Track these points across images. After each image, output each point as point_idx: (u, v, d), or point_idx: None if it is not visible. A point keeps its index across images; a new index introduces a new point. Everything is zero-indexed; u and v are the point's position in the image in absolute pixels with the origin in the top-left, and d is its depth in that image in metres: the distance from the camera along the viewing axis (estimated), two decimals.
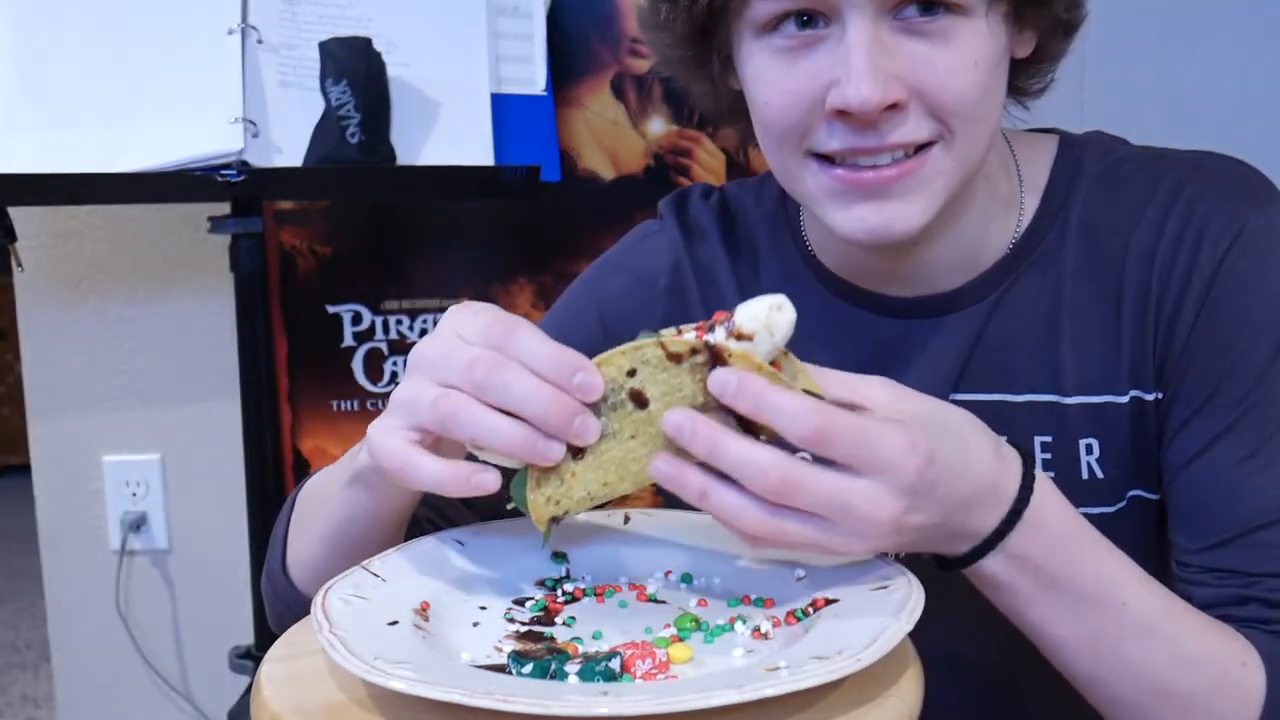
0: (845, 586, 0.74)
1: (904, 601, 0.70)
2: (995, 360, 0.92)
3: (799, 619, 0.72)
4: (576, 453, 0.71)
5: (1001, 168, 0.95)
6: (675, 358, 0.69)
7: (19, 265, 1.82)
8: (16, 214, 1.76)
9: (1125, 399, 0.90)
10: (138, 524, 2.01)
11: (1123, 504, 0.91)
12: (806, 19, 0.83)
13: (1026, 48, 0.90)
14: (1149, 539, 0.91)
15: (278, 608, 0.95)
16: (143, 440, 2.01)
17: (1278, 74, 1.94)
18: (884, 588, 0.73)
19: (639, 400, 0.70)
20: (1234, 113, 1.94)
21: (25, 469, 2.08)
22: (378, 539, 0.86)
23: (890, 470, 0.68)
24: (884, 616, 0.68)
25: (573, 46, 1.86)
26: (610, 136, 1.87)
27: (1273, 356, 0.86)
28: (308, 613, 0.90)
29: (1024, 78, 0.93)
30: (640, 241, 1.07)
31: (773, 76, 0.85)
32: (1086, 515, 0.80)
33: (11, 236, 1.74)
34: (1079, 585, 0.77)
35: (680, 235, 1.04)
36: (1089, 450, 0.91)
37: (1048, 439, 0.92)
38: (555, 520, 0.73)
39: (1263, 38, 1.94)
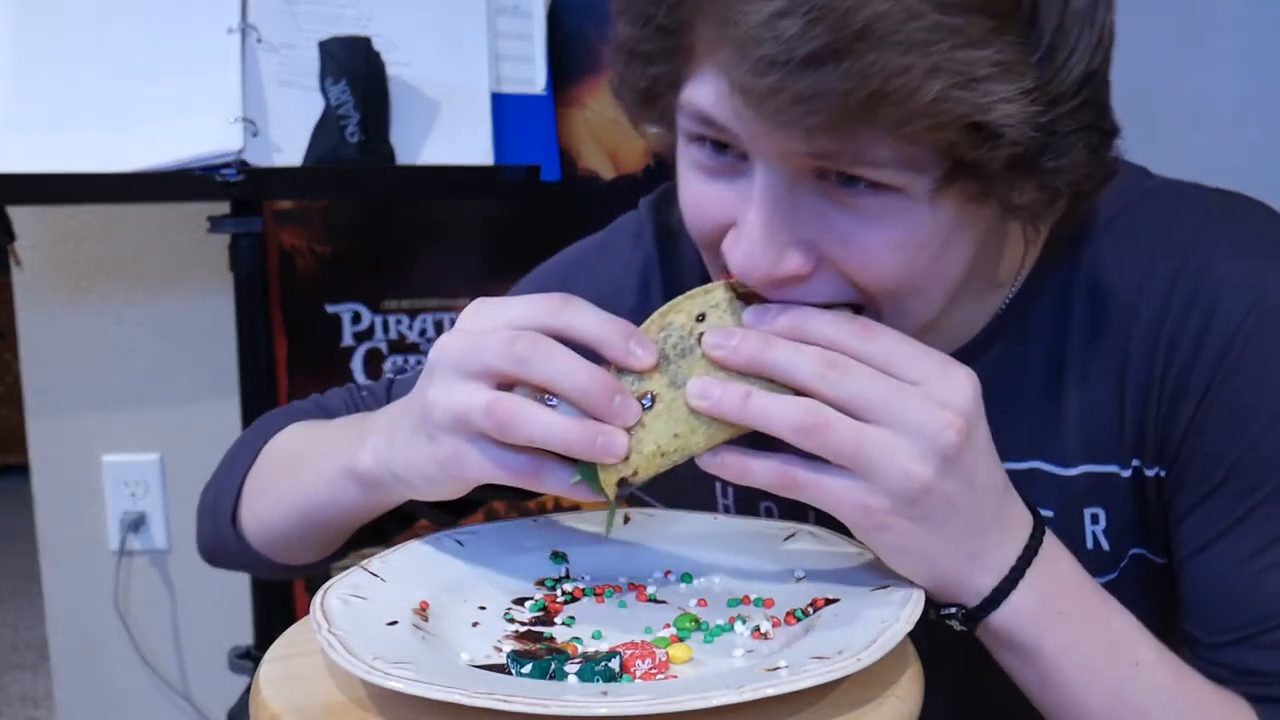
0: (845, 586, 0.74)
1: (904, 602, 0.70)
2: (992, 426, 0.76)
3: (799, 619, 0.72)
4: (645, 406, 0.70)
5: (995, 259, 0.83)
6: (745, 297, 0.72)
7: (18, 265, 1.82)
8: (16, 214, 1.76)
9: (1129, 472, 0.84)
10: (137, 524, 2.01)
11: (1124, 563, 0.86)
12: (724, 145, 0.73)
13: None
14: (1151, 601, 0.85)
15: (217, 549, 0.96)
16: (142, 440, 2.01)
17: (1278, 74, 1.94)
18: (884, 588, 0.73)
19: None
20: (1234, 112, 1.94)
21: (24, 469, 2.08)
22: (354, 527, 0.88)
23: (941, 381, 0.68)
24: (884, 617, 0.68)
25: (573, 46, 1.86)
26: (610, 136, 1.87)
27: None
28: (251, 562, 0.94)
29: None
30: (613, 244, 1.01)
31: (690, 184, 0.77)
32: None
33: (11, 236, 1.74)
34: (1097, 639, 0.74)
35: (655, 247, 0.97)
36: (1094, 520, 0.85)
37: (1049, 514, 0.85)
38: (624, 485, 0.71)
39: (1263, 38, 1.94)
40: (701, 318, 0.72)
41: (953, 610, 0.74)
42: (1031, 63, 0.66)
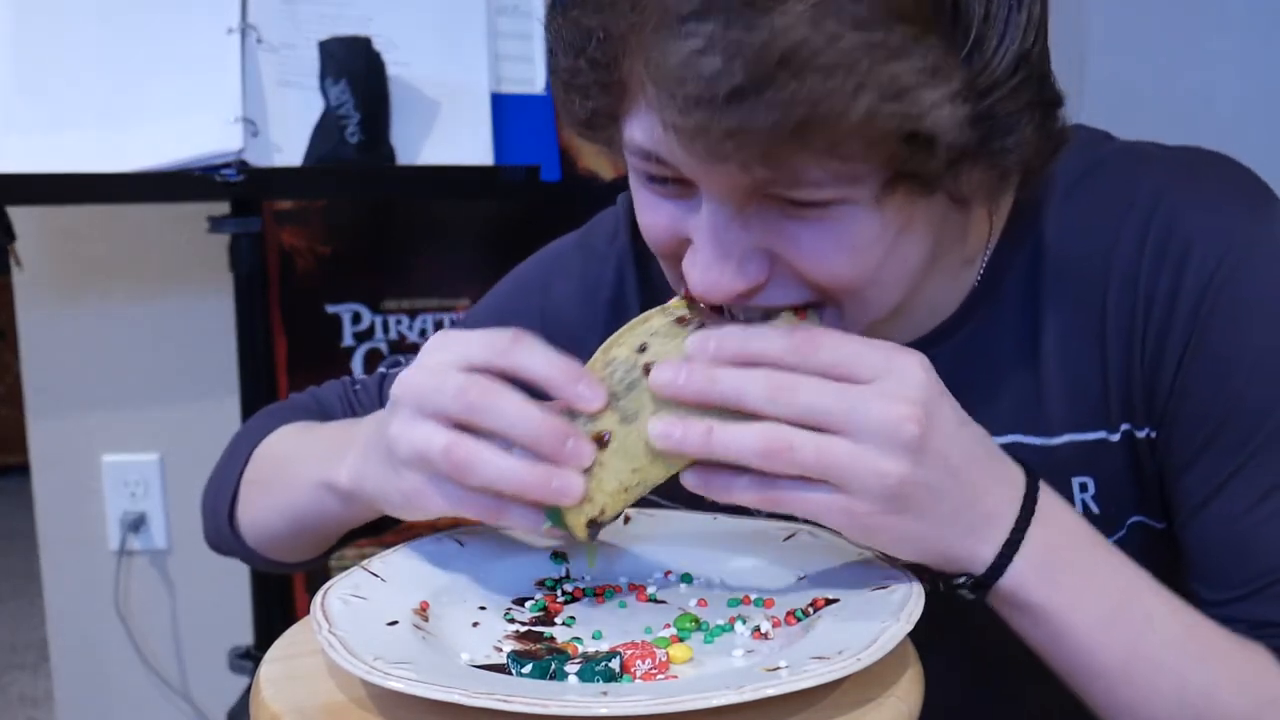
0: (845, 587, 0.74)
1: (904, 602, 0.70)
2: (967, 404, 0.75)
3: (799, 619, 0.72)
4: (601, 444, 0.70)
5: (960, 235, 0.81)
6: (682, 320, 0.72)
7: (18, 265, 1.82)
8: (16, 214, 1.76)
9: (1117, 436, 0.83)
10: (137, 524, 2.01)
11: (1122, 532, 0.85)
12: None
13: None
14: (1154, 569, 0.83)
15: (219, 544, 1.00)
16: (142, 440, 2.01)
17: (1278, 74, 1.95)
18: (884, 588, 0.73)
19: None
20: (1234, 112, 1.94)
21: (25, 469, 2.08)
22: (343, 532, 0.90)
23: (892, 374, 0.68)
24: (884, 617, 0.68)
25: None
26: None
27: (1278, 388, 0.78)
28: (250, 557, 0.97)
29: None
30: (590, 242, 1.01)
31: (644, 207, 0.77)
32: None
33: (11, 236, 1.74)
34: (1106, 594, 0.74)
35: (629, 242, 0.96)
36: (1083, 489, 0.85)
37: None
38: (595, 525, 0.72)
39: (1263, 38, 1.95)
40: (643, 348, 0.71)
41: (961, 580, 0.74)
42: (960, 60, 0.66)
